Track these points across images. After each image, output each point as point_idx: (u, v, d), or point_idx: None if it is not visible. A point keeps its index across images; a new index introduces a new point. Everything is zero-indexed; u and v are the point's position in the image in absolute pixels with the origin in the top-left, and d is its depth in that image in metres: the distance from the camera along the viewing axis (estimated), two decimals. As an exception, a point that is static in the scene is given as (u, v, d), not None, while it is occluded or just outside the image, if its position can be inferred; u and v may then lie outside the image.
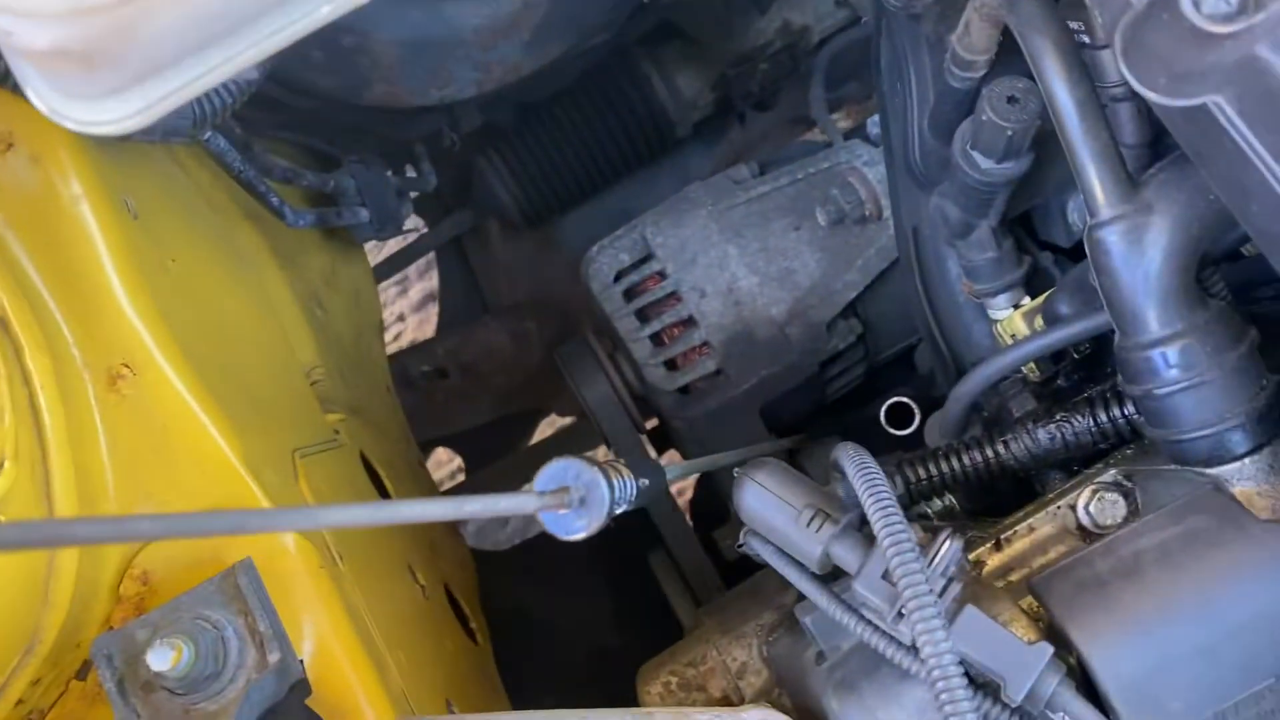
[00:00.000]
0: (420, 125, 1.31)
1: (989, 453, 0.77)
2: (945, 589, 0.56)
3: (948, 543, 0.57)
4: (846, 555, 0.60)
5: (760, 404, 1.17)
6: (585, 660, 1.41)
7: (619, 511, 0.61)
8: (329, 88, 1.12)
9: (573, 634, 1.46)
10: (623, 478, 0.61)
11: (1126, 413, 0.72)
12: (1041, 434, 0.75)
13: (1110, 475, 0.69)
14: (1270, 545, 0.58)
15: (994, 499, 0.82)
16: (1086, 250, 0.63)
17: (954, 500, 0.84)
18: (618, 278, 1.19)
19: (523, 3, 1.15)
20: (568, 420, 1.87)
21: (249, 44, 0.46)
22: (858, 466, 0.60)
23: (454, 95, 1.17)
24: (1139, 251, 0.61)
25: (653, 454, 1.51)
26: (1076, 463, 0.76)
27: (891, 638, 0.57)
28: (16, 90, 0.63)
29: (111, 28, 0.43)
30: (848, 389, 1.23)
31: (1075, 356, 0.80)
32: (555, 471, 0.59)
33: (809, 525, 0.61)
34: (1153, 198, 0.61)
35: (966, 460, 0.77)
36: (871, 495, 0.57)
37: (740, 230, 1.20)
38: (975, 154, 0.74)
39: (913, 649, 0.56)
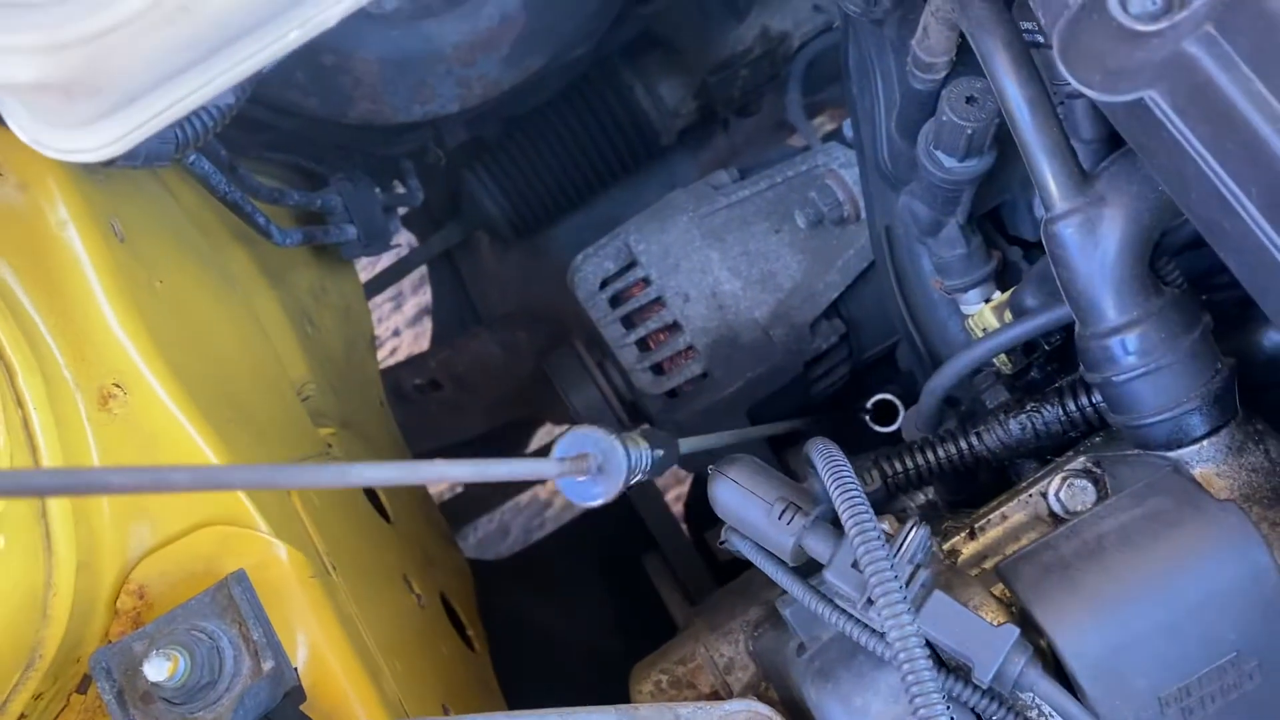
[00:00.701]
0: (406, 141, 1.34)
1: (963, 445, 0.78)
2: (913, 575, 0.58)
3: (914, 530, 0.59)
4: (818, 546, 0.61)
5: (747, 405, 1.19)
6: (584, 665, 1.42)
7: (635, 480, 0.62)
8: (313, 107, 1.14)
9: (571, 639, 1.47)
10: (639, 447, 0.62)
11: (1093, 401, 0.74)
12: (1013, 424, 0.77)
13: (1080, 463, 0.71)
14: (1226, 524, 0.60)
15: (973, 491, 0.83)
16: (1044, 243, 0.65)
17: (935, 494, 0.85)
18: (603, 285, 1.21)
19: (500, 18, 1.17)
20: (562, 429, 1.88)
21: (221, 70, 0.48)
22: (826, 460, 0.62)
23: (437, 111, 1.19)
24: (1093, 243, 0.62)
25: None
26: (1049, 452, 0.78)
27: (863, 624, 0.59)
28: (3, 121, 0.65)
29: (88, 60, 0.45)
30: (834, 389, 1.25)
31: (1046, 348, 0.82)
32: (574, 439, 0.60)
33: (781, 518, 0.62)
34: (1105, 190, 0.63)
35: (941, 453, 0.79)
36: (838, 487, 0.59)
37: (722, 235, 1.21)
38: (938, 153, 0.76)
39: (883, 635, 0.57)
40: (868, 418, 1.09)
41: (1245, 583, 0.59)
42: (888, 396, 1.11)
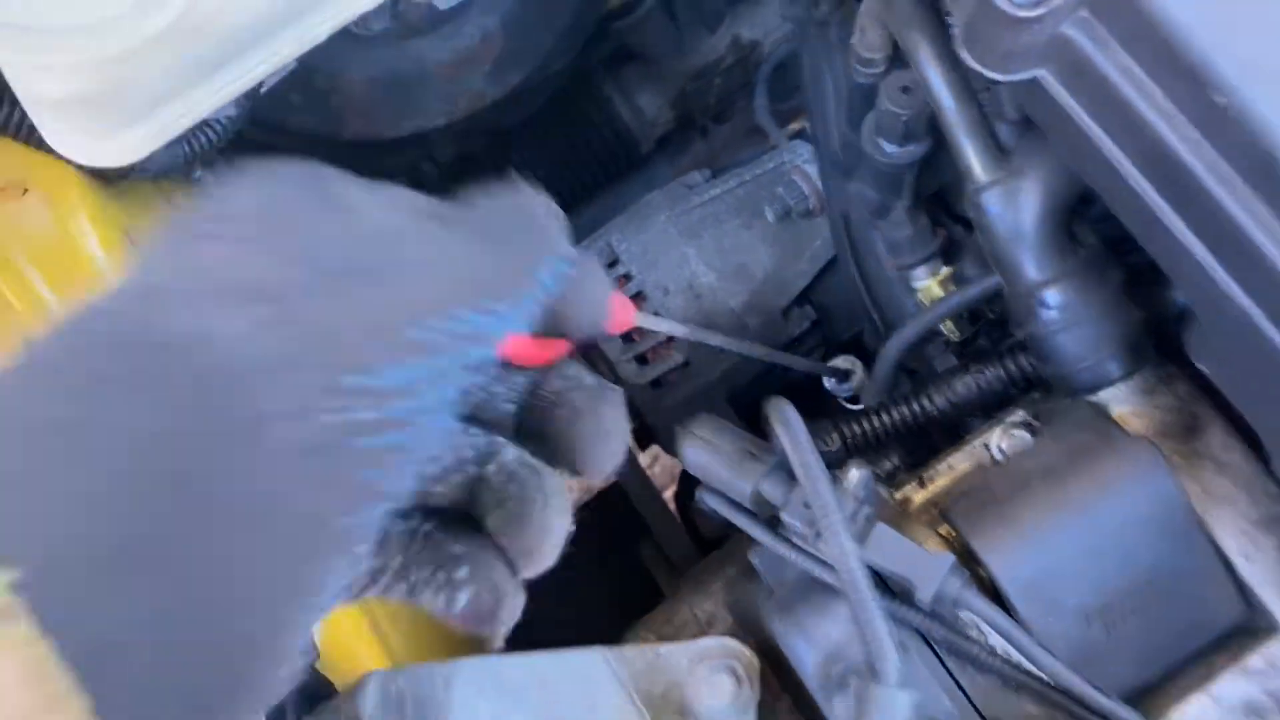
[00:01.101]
0: (397, 158, 1.41)
1: (915, 407, 0.85)
2: (858, 511, 0.65)
3: (855, 470, 0.65)
4: (773, 491, 0.68)
5: (727, 390, 1.26)
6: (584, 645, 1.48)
7: None
8: (309, 127, 1.22)
9: (571, 621, 1.53)
10: None
11: (1030, 360, 0.81)
12: (959, 385, 0.84)
13: (1019, 415, 0.78)
14: (1139, 457, 0.67)
15: (929, 451, 0.90)
16: (970, 214, 0.72)
17: (897, 461, 0.92)
18: (587, 284, 1.28)
19: (482, 36, 1.25)
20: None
21: (228, 82, 0.55)
22: (779, 413, 0.68)
23: (424, 126, 1.27)
24: (1013, 210, 0.70)
25: (638, 454, 1.59)
26: (994, 410, 0.85)
27: (814, 557, 0.66)
28: (29, 141, 0.73)
29: (112, 76, 0.52)
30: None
31: (991, 316, 0.89)
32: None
33: (741, 467, 0.69)
34: (1021, 164, 0.70)
35: (896, 414, 0.86)
36: (787, 433, 0.66)
37: (697, 232, 1.29)
38: (880, 140, 0.83)
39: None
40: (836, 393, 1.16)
41: (1156, 509, 0.66)
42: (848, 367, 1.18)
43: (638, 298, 1.28)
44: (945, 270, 0.91)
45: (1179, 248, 0.59)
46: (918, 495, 0.77)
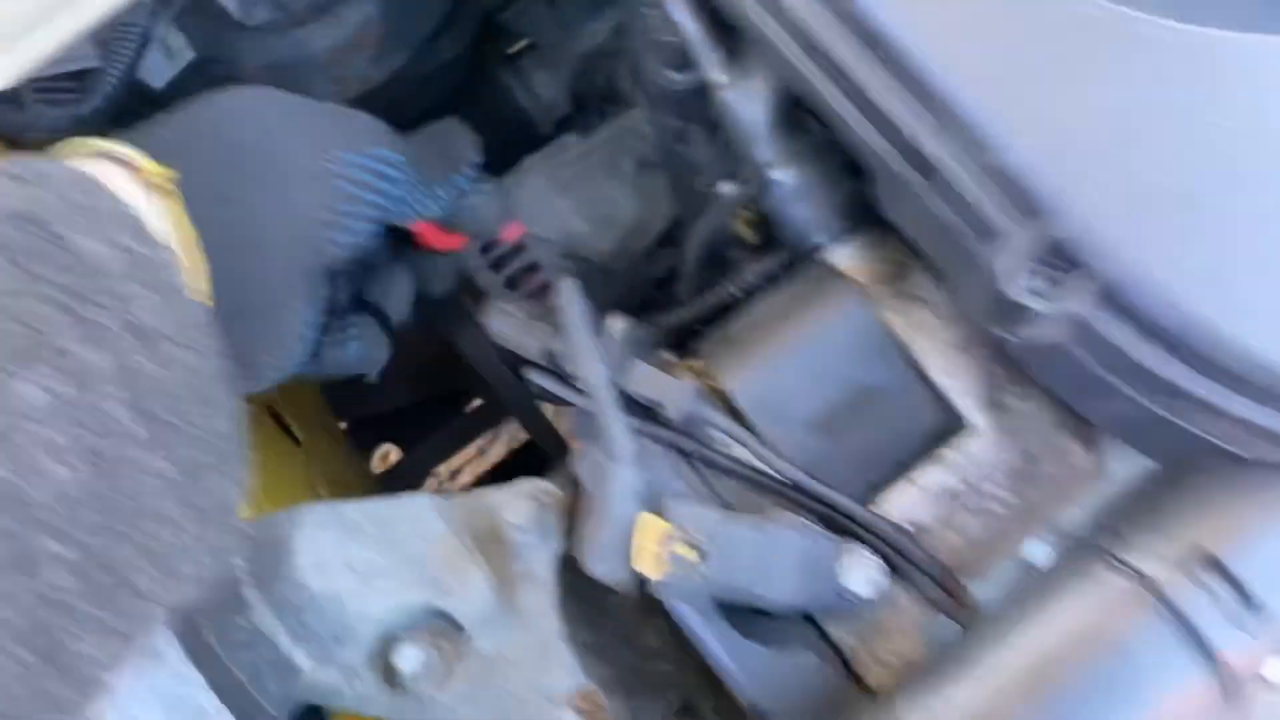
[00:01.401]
0: (301, 141, 1.56)
1: (713, 296, 1.00)
2: (620, 352, 0.79)
3: (616, 321, 0.80)
4: (558, 345, 0.83)
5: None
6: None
7: None
8: (213, 113, 1.36)
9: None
10: None
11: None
12: (747, 274, 0.98)
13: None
14: (847, 294, 0.81)
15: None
16: (714, 115, 0.87)
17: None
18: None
19: (363, 23, 1.41)
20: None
21: (79, 18, 0.71)
22: (559, 285, 0.83)
23: (317, 109, 1.42)
24: (745, 106, 0.84)
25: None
26: (778, 291, 0.99)
27: (582, 391, 0.80)
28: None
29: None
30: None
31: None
32: None
33: (534, 330, 0.84)
34: (749, 67, 0.85)
35: (699, 305, 1.00)
36: (560, 295, 0.80)
37: (570, 186, 1.44)
38: (664, 70, 0.98)
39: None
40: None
41: (862, 337, 0.80)
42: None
43: (518, 248, 1.42)
44: (742, 182, 1.05)
45: (842, 121, 0.74)
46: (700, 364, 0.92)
